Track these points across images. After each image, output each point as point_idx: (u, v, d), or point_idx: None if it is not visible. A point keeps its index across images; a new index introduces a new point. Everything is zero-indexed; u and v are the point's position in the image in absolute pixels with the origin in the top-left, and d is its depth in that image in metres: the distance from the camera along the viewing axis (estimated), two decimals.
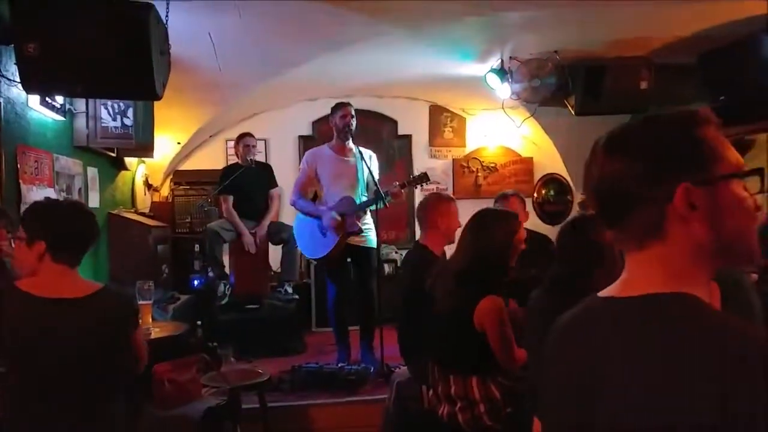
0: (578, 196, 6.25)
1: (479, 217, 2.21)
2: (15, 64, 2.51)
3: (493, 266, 2.11)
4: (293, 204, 4.08)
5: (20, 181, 2.99)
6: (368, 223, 3.94)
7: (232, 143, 5.40)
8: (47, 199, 1.88)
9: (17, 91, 2.95)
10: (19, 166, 2.99)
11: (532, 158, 6.40)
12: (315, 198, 4.17)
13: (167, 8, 2.69)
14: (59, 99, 3.47)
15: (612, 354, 0.77)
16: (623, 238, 0.83)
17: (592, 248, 1.79)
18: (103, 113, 3.87)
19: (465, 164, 6.35)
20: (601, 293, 0.86)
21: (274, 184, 4.84)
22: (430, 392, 2.26)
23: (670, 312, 0.74)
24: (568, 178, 6.28)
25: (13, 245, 1.85)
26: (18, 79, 2.65)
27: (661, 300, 0.76)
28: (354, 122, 3.94)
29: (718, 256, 0.78)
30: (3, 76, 2.79)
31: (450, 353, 2.17)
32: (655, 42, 4.31)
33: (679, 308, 0.75)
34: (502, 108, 5.32)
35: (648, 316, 0.75)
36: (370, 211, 3.92)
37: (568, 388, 0.83)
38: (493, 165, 6.35)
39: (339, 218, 3.79)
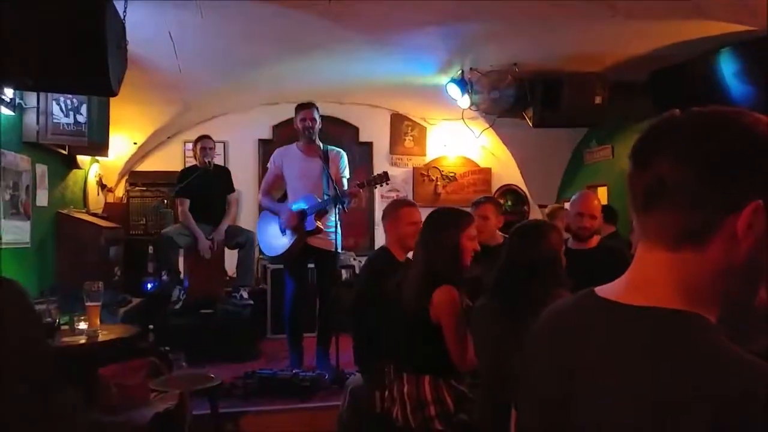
0: (536, 207, 6.41)
1: (429, 219, 2.26)
2: None
3: (446, 264, 2.13)
4: (260, 202, 4.09)
5: None
6: (332, 226, 3.92)
7: (190, 145, 5.31)
8: None
9: None
10: None
11: (490, 168, 6.53)
12: (284, 198, 4.14)
13: (125, 3, 2.63)
14: (8, 92, 3.34)
15: (607, 364, 0.70)
16: (655, 232, 0.73)
17: (539, 257, 1.85)
18: (55, 109, 3.75)
19: (425, 173, 6.43)
20: (600, 292, 0.77)
21: (232, 189, 4.77)
22: (386, 394, 2.26)
23: (687, 335, 0.66)
24: (525, 189, 6.43)
25: None
26: None
27: (680, 319, 0.68)
28: (317, 124, 3.94)
29: (735, 285, 0.70)
30: None
31: (405, 351, 2.18)
32: (609, 59, 4.48)
33: (698, 334, 0.66)
34: (462, 118, 5.41)
35: (661, 333, 0.67)
36: (336, 214, 3.89)
37: (549, 386, 0.78)
38: (452, 174, 6.45)
39: (297, 216, 3.77)
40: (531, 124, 4.93)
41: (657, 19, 3.69)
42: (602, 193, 5.69)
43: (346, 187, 3.91)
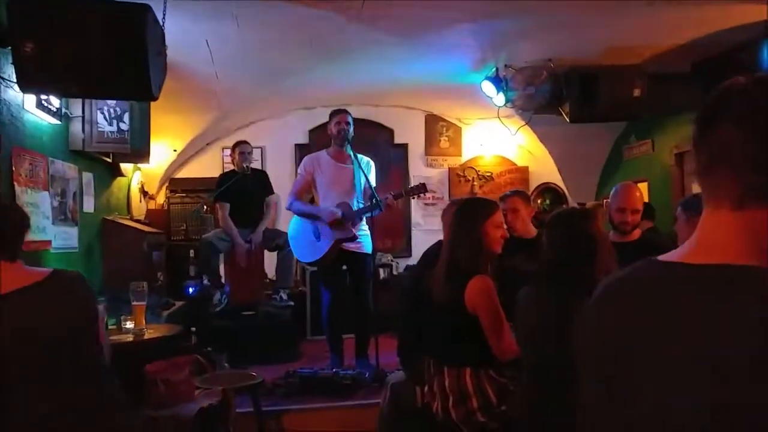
0: (574, 204, 6.27)
1: (455, 211, 2.27)
2: (12, 64, 2.53)
3: (471, 254, 2.12)
4: (289, 207, 4.07)
5: (15, 183, 2.99)
6: (364, 229, 3.94)
7: (228, 151, 5.41)
8: None
9: (13, 93, 2.97)
10: (13, 168, 2.99)
11: (527, 167, 6.43)
12: (311, 203, 4.17)
13: (164, 10, 2.71)
14: (55, 102, 3.48)
15: (691, 325, 0.67)
16: (720, 192, 0.73)
17: (583, 239, 1.80)
18: (99, 118, 3.88)
19: (461, 173, 6.38)
20: (662, 258, 0.76)
21: (271, 191, 4.84)
22: (425, 389, 2.25)
23: (755, 289, 0.65)
24: (564, 187, 6.31)
25: None
26: (14, 80, 2.67)
27: (755, 272, 0.67)
28: (350, 129, 3.96)
29: None
30: (0, 77, 2.81)
31: (444, 344, 2.17)
32: (647, 50, 4.36)
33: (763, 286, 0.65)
34: (498, 117, 5.36)
35: (738, 287, 0.66)
36: (366, 217, 3.92)
37: (614, 357, 0.75)
38: (489, 174, 6.38)
39: (339, 214, 3.78)
40: (568, 120, 4.84)
41: (697, 5, 3.57)
42: (643, 189, 5.53)
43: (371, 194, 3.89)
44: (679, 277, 0.72)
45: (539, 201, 6.43)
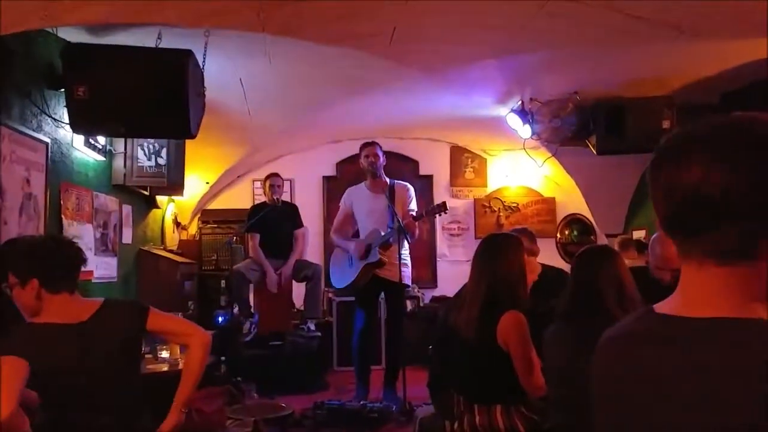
0: (602, 236, 6.23)
1: (487, 245, 2.27)
2: (64, 106, 2.69)
3: (509, 287, 2.14)
4: (332, 239, 4.29)
5: (62, 216, 3.14)
6: (405, 258, 3.93)
7: (259, 183, 5.56)
8: (23, 237, 1.92)
9: (64, 133, 3.15)
10: (62, 202, 3.14)
11: (554, 198, 6.43)
12: (357, 235, 4.28)
13: (204, 54, 2.86)
14: (101, 140, 3.66)
15: (681, 377, 0.70)
16: (699, 249, 0.73)
17: (611, 279, 1.83)
18: (140, 153, 4.06)
19: (486, 204, 6.41)
20: (658, 309, 0.78)
21: (300, 224, 4.95)
22: (455, 425, 2.25)
23: (753, 338, 0.68)
24: (591, 219, 6.27)
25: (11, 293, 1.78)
26: (65, 121, 2.84)
27: (743, 324, 0.69)
28: (379, 161, 4.07)
29: None
30: (52, 117, 2.98)
31: (474, 380, 2.18)
32: (675, 82, 4.37)
33: (762, 335, 0.68)
34: (524, 148, 5.40)
35: (728, 340, 0.69)
36: (404, 247, 3.94)
37: (624, 407, 0.78)
38: (515, 205, 6.39)
39: (363, 247, 3.92)
40: (594, 152, 4.85)
41: (726, 38, 3.59)
42: None
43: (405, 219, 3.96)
44: (680, 329, 0.73)
45: (566, 232, 6.41)
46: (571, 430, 1.79)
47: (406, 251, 3.94)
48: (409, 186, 4.16)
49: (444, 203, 4.00)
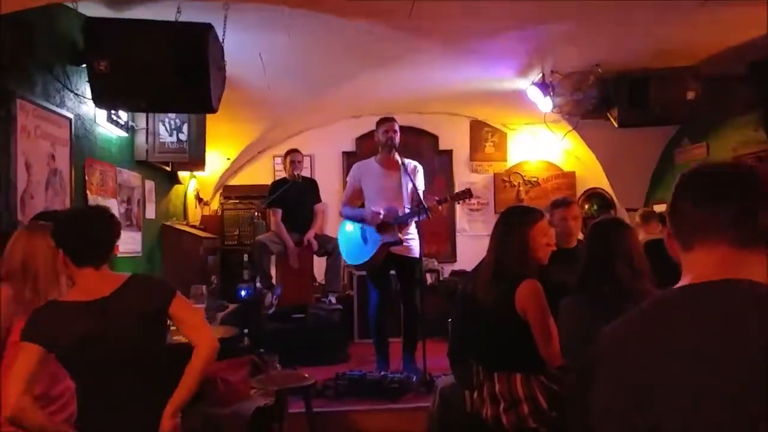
0: (623, 210, 6.16)
1: (502, 215, 2.33)
2: (87, 82, 2.73)
3: (515, 261, 2.17)
4: (341, 213, 4.23)
5: (87, 192, 3.21)
6: (412, 233, 4.00)
7: (279, 159, 5.59)
8: (66, 209, 1.92)
9: (86, 108, 3.19)
10: (86, 177, 3.21)
11: (574, 172, 6.36)
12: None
13: (224, 28, 2.87)
14: (123, 116, 3.71)
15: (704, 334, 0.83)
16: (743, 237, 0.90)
17: (617, 254, 1.84)
18: (161, 129, 4.11)
19: (506, 179, 6.37)
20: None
21: (319, 199, 4.98)
22: (474, 395, 2.29)
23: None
24: (611, 192, 6.20)
25: None
26: (88, 97, 2.88)
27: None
28: (397, 137, 4.05)
29: None
30: (75, 93, 3.03)
31: (494, 349, 2.21)
32: (701, 51, 4.26)
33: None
34: (544, 122, 5.33)
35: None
36: (415, 222, 3.99)
37: (642, 370, 0.87)
38: (534, 179, 6.35)
39: (380, 215, 3.88)
40: (616, 125, 4.77)
41: (752, 4, 3.48)
42: None
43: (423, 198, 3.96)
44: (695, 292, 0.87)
45: (586, 206, 6.34)
46: (587, 398, 1.81)
47: (413, 227, 3.97)
48: (419, 166, 4.14)
49: (469, 190, 3.97)
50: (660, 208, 5.62)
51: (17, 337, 1.71)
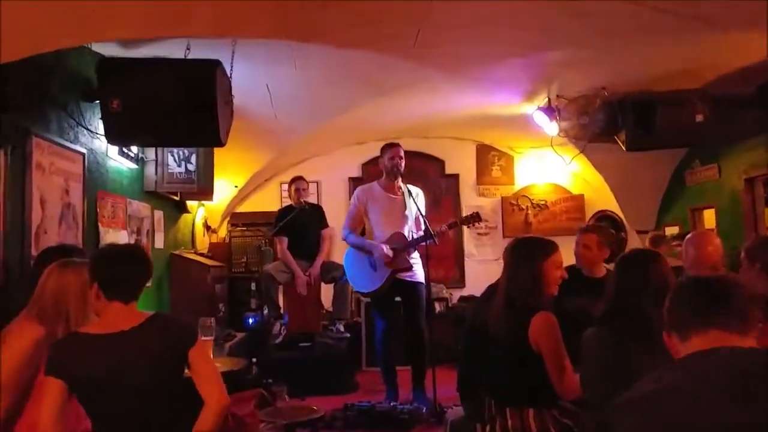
0: (633, 233, 6.12)
1: (512, 248, 2.29)
2: (100, 118, 2.77)
3: (526, 293, 2.14)
4: (345, 239, 4.20)
5: (99, 224, 3.24)
6: (415, 257, 3.99)
7: (286, 186, 5.62)
8: (110, 244, 1.96)
9: (99, 143, 3.24)
10: (98, 210, 3.24)
11: (582, 195, 6.34)
12: (363, 234, 4.27)
13: (232, 62, 2.91)
14: (134, 148, 3.76)
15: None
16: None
17: (648, 287, 1.81)
18: (170, 160, 4.15)
19: (514, 202, 6.35)
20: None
21: (326, 225, 4.98)
22: (486, 428, 2.25)
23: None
24: (621, 215, 6.16)
25: None
26: (100, 132, 2.92)
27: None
28: (402, 163, 4.06)
29: None
30: (88, 129, 3.07)
31: (506, 383, 2.17)
32: (709, 73, 4.25)
33: None
34: (551, 145, 5.33)
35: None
36: (418, 247, 3.99)
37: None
38: (543, 202, 6.33)
39: (391, 252, 3.87)
40: (624, 148, 4.76)
41: (757, 28, 3.48)
42: (709, 216, 5.35)
43: (422, 224, 3.96)
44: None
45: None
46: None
47: (415, 252, 3.97)
48: (421, 191, 4.15)
49: (478, 214, 3.99)
50: (672, 230, 5.58)
51: None
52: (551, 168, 6.23)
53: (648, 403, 1.13)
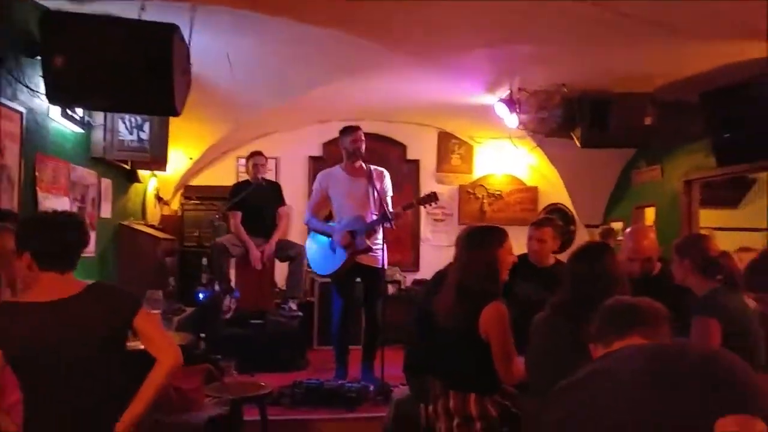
0: (582, 227, 6.32)
1: (464, 237, 2.31)
2: (40, 76, 2.62)
3: (480, 281, 2.18)
4: (307, 223, 4.22)
5: (37, 188, 3.09)
6: (379, 243, 4.01)
7: (243, 161, 5.52)
8: (40, 211, 1.88)
9: (39, 102, 3.06)
10: (37, 174, 3.09)
11: (537, 187, 6.49)
12: (330, 218, 4.27)
13: (190, 29, 2.81)
14: (79, 111, 3.59)
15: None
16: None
17: (603, 278, 1.88)
18: (121, 127, 3.99)
19: (471, 191, 6.45)
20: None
21: (283, 203, 4.92)
22: (429, 409, 2.30)
23: None
24: (572, 208, 6.35)
25: None
26: (41, 91, 2.77)
27: None
28: (363, 145, 4.06)
29: None
30: (27, 86, 2.90)
31: (452, 369, 2.22)
32: (658, 79, 4.42)
33: None
34: (510, 137, 5.42)
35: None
36: (382, 231, 3.99)
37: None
38: (498, 192, 6.44)
39: (349, 236, 3.89)
40: (579, 144, 4.89)
41: (708, 38, 3.63)
42: (650, 214, 5.57)
43: (389, 205, 3.99)
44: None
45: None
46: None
47: (380, 236, 3.99)
48: (386, 172, 4.16)
49: (435, 194, 4.03)
50: (617, 225, 5.80)
51: None
52: (509, 159, 6.34)
53: (578, 386, 1.27)
